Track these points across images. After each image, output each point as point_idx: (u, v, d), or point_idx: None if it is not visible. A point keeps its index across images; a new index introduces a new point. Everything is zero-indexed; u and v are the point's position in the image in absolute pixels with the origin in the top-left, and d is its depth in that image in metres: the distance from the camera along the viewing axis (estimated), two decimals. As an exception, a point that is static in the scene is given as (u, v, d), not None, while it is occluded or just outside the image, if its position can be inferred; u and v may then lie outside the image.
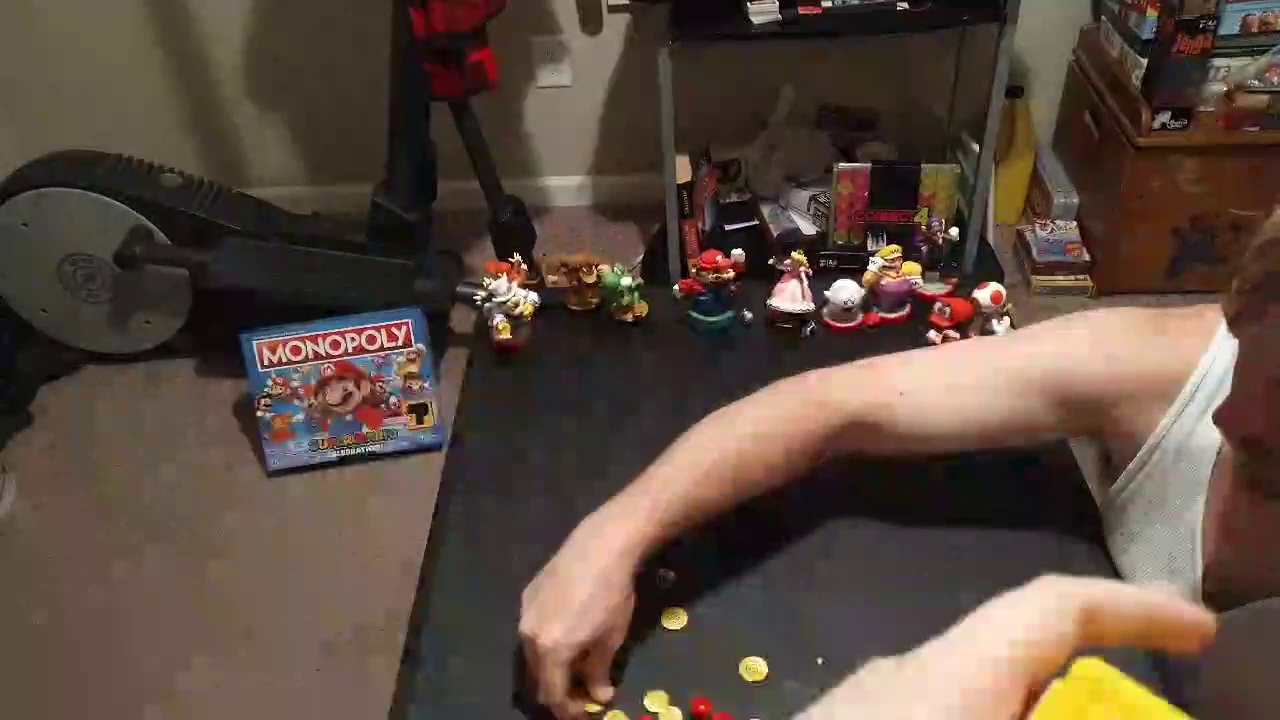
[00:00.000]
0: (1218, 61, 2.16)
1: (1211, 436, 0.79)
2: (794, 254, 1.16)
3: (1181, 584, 0.84)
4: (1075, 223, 2.55)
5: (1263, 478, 0.70)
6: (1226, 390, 0.73)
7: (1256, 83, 2.15)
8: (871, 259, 1.17)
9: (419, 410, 2.12)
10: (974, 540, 0.93)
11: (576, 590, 0.78)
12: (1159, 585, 0.86)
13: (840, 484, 0.99)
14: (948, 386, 0.89)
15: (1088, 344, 0.85)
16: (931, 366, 0.92)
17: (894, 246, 1.16)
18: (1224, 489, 0.81)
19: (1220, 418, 0.69)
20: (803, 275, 1.17)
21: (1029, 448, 0.99)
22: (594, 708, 0.81)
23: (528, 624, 0.78)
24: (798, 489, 0.98)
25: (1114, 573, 0.90)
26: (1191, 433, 0.81)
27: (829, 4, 2.10)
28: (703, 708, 0.80)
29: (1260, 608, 0.78)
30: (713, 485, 0.85)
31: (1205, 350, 0.80)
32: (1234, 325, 0.66)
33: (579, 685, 0.81)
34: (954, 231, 1.26)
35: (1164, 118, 2.18)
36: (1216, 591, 0.82)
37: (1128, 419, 0.84)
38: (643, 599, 0.89)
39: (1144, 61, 2.21)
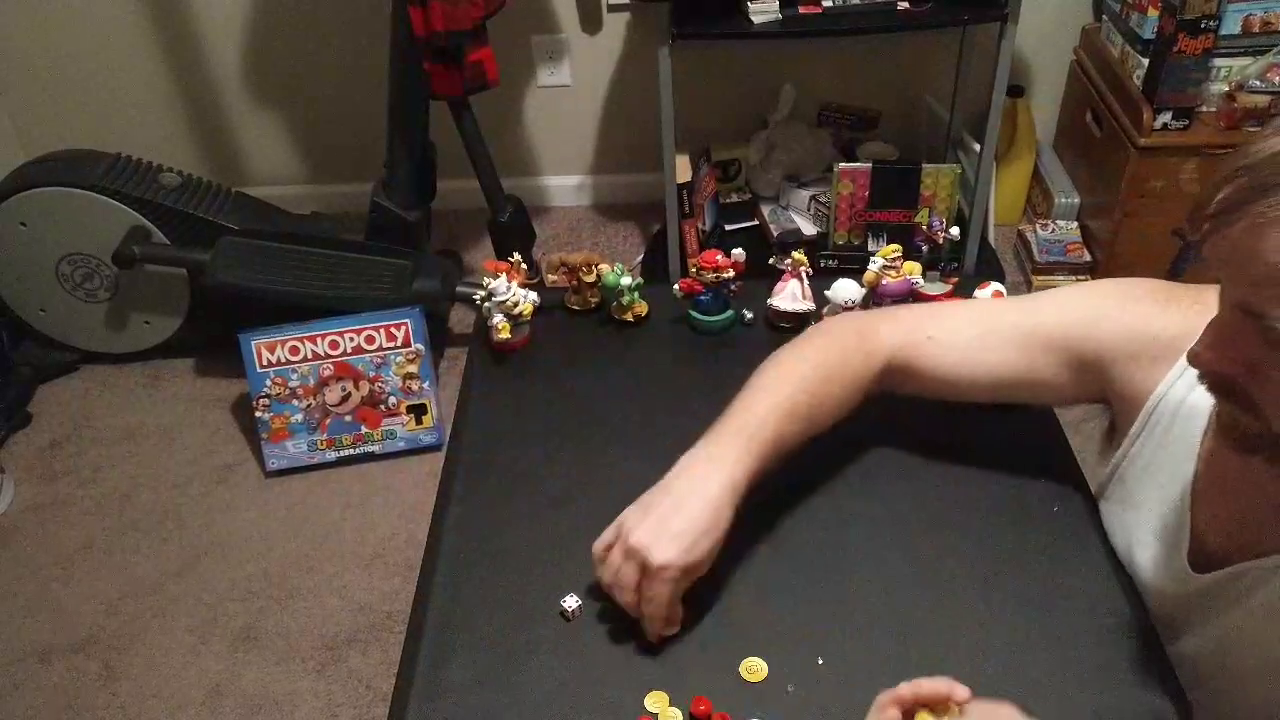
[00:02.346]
0: (1219, 61, 2.16)
1: (1208, 400, 0.81)
2: (794, 254, 1.16)
3: (1169, 546, 0.85)
4: (1076, 223, 2.55)
5: (1240, 429, 0.71)
6: None
7: (1257, 83, 2.15)
8: (872, 259, 1.17)
9: (418, 410, 2.11)
10: (974, 541, 0.93)
11: (693, 516, 0.82)
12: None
13: (838, 484, 0.99)
14: (971, 336, 0.94)
15: (1099, 306, 0.90)
16: (959, 317, 0.97)
17: (895, 246, 1.16)
18: (1214, 451, 0.83)
19: (1194, 355, 0.71)
20: (803, 275, 1.16)
21: (1032, 451, 1.01)
22: (670, 630, 0.85)
23: (641, 538, 0.82)
24: (795, 489, 0.98)
25: (1105, 556, 0.90)
26: (1189, 394, 0.83)
27: (829, 3, 2.09)
28: (703, 708, 0.80)
29: (1238, 571, 0.80)
30: (796, 424, 0.89)
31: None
32: (1201, 249, 0.67)
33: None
34: (955, 231, 1.26)
35: (1165, 117, 2.18)
36: (1201, 553, 0.84)
37: (1132, 379, 0.87)
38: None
39: (1145, 61, 2.21)
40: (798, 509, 0.97)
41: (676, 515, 0.82)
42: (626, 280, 1.18)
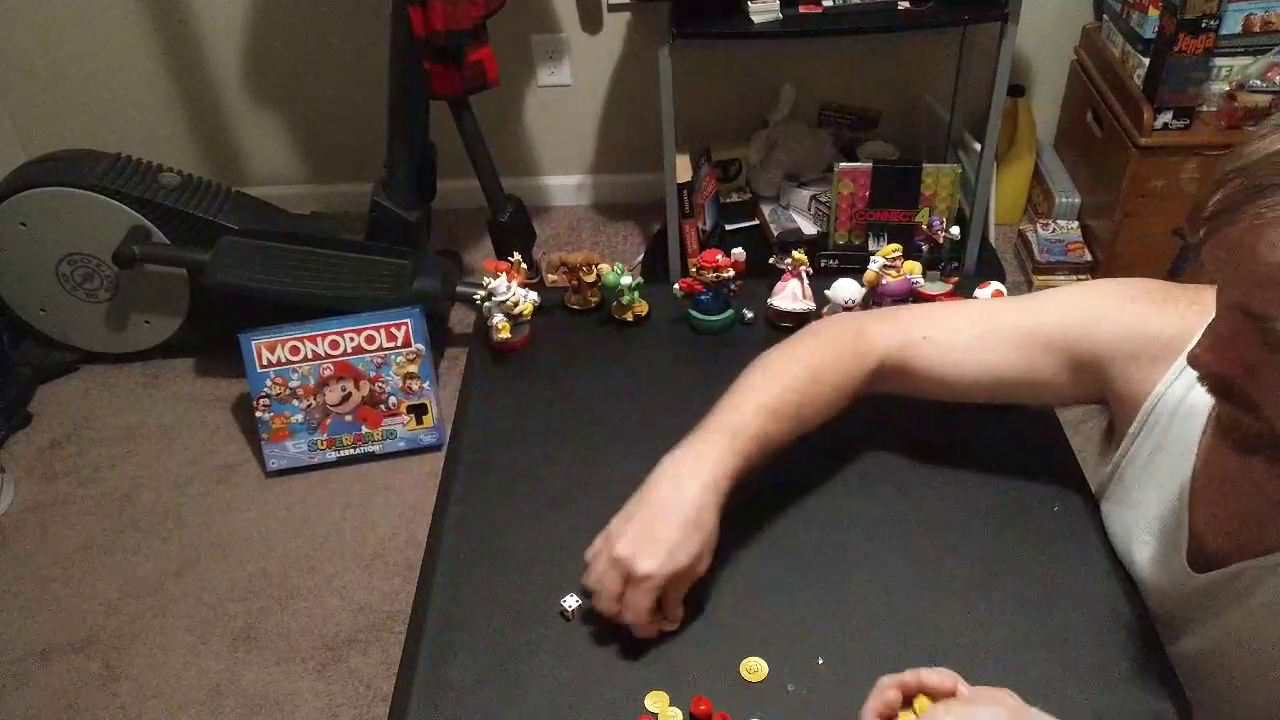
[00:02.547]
0: (1219, 61, 2.16)
1: (1206, 399, 0.81)
2: (794, 253, 1.16)
3: (1168, 546, 0.85)
4: (1077, 222, 2.55)
5: (1241, 429, 0.71)
6: None
7: (1258, 82, 2.15)
8: (872, 258, 1.17)
9: (418, 410, 2.11)
10: (974, 541, 0.93)
11: (672, 523, 0.82)
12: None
13: (837, 484, 0.99)
14: (969, 336, 0.94)
15: (1098, 306, 0.90)
16: (955, 317, 0.97)
17: (895, 245, 1.16)
18: (1212, 451, 0.83)
19: (1193, 357, 0.71)
20: (803, 274, 1.16)
21: (1032, 450, 1.01)
22: (669, 627, 0.86)
23: (624, 549, 0.82)
24: (795, 489, 0.98)
25: (1105, 556, 0.91)
26: (1187, 394, 0.83)
27: (830, 3, 2.09)
28: (703, 708, 0.80)
29: (1237, 570, 0.80)
30: (783, 423, 0.89)
31: (1208, 320, 0.82)
32: (1199, 253, 0.67)
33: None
34: (955, 231, 1.26)
35: (1166, 117, 2.18)
36: (1200, 552, 0.84)
37: (1130, 378, 0.87)
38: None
39: (1146, 61, 2.21)
40: (797, 509, 0.97)
41: (658, 522, 0.82)
42: (626, 280, 1.18)
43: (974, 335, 0.94)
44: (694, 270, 1.16)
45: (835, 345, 0.95)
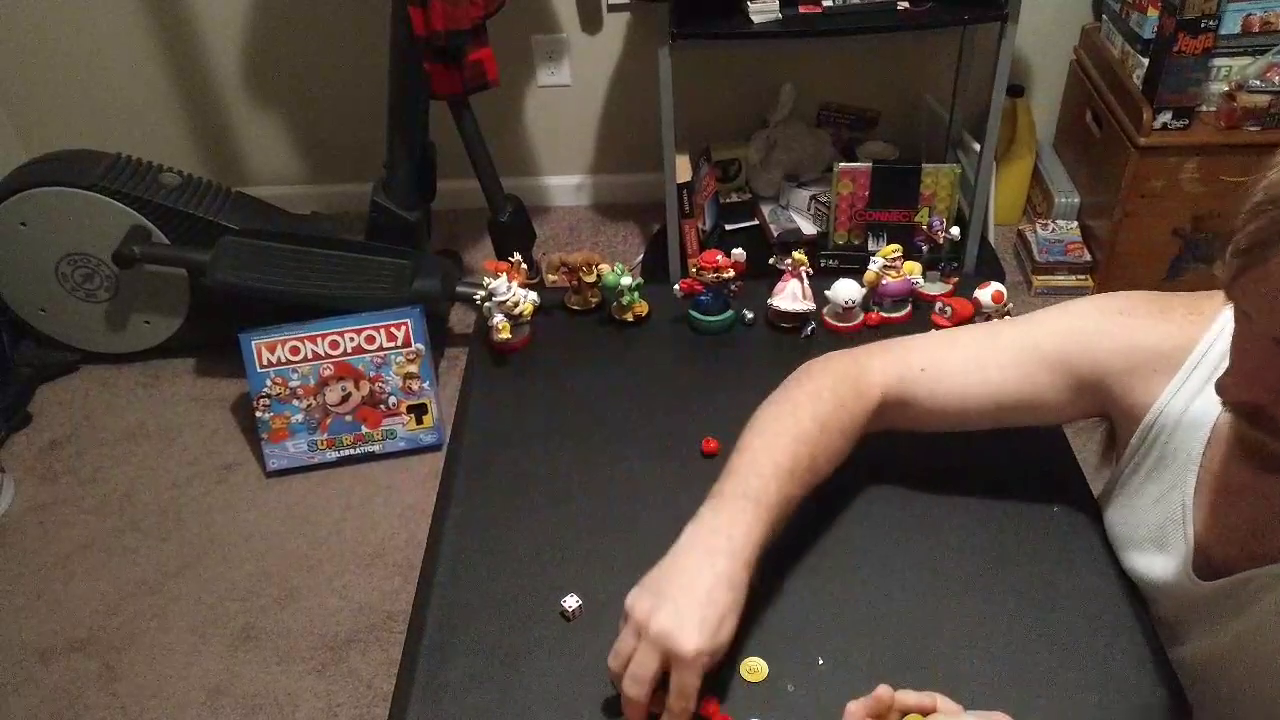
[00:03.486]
0: (1219, 61, 2.16)
1: (1207, 411, 0.81)
2: (794, 253, 1.16)
3: (1171, 555, 0.85)
4: (1076, 222, 2.55)
5: (1264, 450, 0.70)
6: (1226, 366, 0.73)
7: (1257, 82, 2.15)
8: (872, 258, 1.17)
9: (418, 410, 2.11)
10: (974, 541, 0.93)
11: (713, 596, 0.77)
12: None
13: (839, 485, 0.99)
14: (964, 361, 0.92)
15: (1096, 321, 0.88)
16: (949, 344, 0.96)
17: (895, 246, 1.16)
18: (1217, 462, 0.82)
19: (1222, 387, 0.70)
20: (803, 275, 1.16)
21: (1031, 450, 1.01)
22: None
23: (663, 625, 0.75)
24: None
25: (1105, 556, 0.91)
26: (1189, 406, 0.83)
27: (829, 3, 2.10)
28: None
29: (1245, 578, 0.79)
30: (798, 482, 0.86)
31: (1207, 330, 0.82)
32: (1230, 290, 0.66)
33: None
34: (955, 231, 1.26)
35: (1165, 117, 2.18)
36: (1204, 560, 0.83)
37: (1131, 391, 0.86)
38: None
39: (1145, 61, 2.21)
40: (797, 510, 0.97)
41: (695, 596, 0.77)
42: (626, 280, 1.18)
43: (971, 360, 0.92)
44: (694, 270, 1.16)
45: (836, 389, 0.92)
